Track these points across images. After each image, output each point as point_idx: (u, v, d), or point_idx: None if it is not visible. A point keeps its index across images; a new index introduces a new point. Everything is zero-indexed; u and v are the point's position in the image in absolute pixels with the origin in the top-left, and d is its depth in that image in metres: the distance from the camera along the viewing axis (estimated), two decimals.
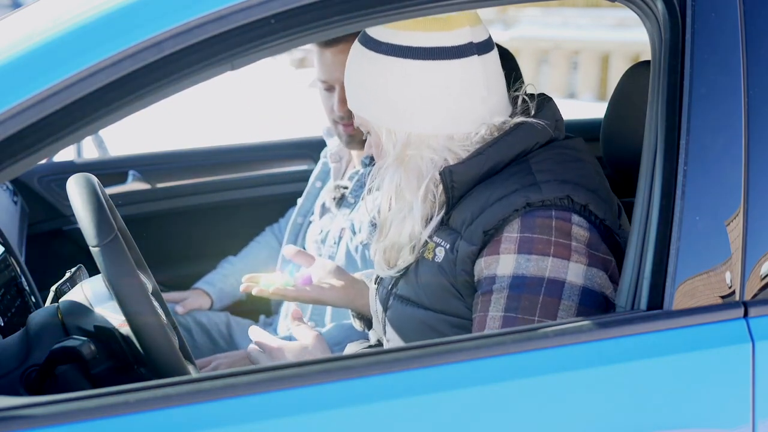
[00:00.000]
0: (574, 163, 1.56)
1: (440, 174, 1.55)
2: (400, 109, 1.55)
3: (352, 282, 1.86)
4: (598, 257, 1.49)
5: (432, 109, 1.54)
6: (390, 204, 1.60)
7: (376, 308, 1.75)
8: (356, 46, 1.59)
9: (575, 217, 1.48)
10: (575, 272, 1.46)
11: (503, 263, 1.48)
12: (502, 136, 1.56)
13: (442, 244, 1.56)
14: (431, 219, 1.59)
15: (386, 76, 1.54)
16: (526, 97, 1.61)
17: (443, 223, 1.58)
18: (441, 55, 1.53)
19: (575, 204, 1.49)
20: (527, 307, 1.45)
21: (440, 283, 1.56)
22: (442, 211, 1.58)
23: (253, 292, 1.80)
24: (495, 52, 1.60)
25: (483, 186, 1.54)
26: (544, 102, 1.62)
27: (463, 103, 1.55)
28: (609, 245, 1.51)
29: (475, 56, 1.55)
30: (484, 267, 1.50)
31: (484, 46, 1.57)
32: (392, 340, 1.65)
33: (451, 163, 1.56)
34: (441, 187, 1.56)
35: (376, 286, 1.75)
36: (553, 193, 1.48)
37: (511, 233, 1.48)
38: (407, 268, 1.64)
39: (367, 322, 1.90)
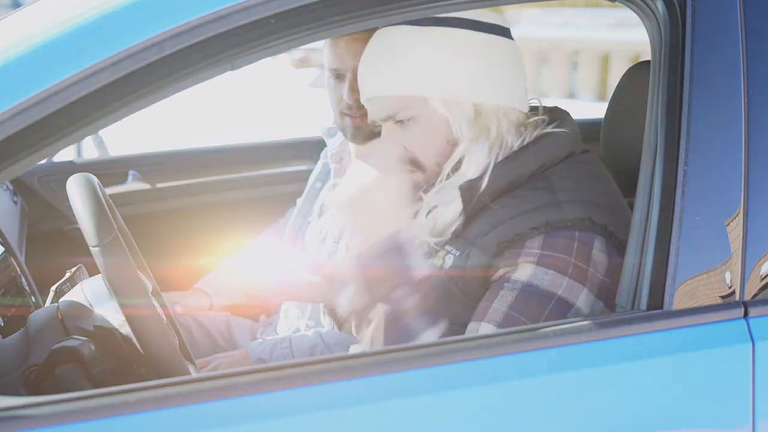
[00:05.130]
0: (593, 180, 1.57)
1: (459, 188, 1.56)
2: (464, 78, 1.57)
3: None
4: (610, 287, 1.49)
5: (494, 79, 1.58)
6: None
7: None
8: (402, 28, 1.59)
9: (597, 242, 1.49)
10: (585, 300, 1.47)
11: (521, 269, 1.49)
12: (526, 146, 1.58)
13: (453, 251, 1.56)
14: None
15: (451, 47, 1.57)
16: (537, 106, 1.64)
17: (456, 234, 1.58)
18: (500, 32, 1.61)
19: (596, 225, 1.49)
20: (533, 315, 1.46)
21: (445, 288, 1.56)
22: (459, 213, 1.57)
23: None
24: None
25: (502, 201, 1.54)
26: (562, 115, 1.65)
27: (516, 79, 1.61)
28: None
29: (514, 41, 1.65)
30: (501, 273, 1.51)
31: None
32: None
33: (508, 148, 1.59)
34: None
35: None
36: (574, 215, 1.49)
37: (532, 248, 1.49)
38: None
39: (338, 323, 1.89)
